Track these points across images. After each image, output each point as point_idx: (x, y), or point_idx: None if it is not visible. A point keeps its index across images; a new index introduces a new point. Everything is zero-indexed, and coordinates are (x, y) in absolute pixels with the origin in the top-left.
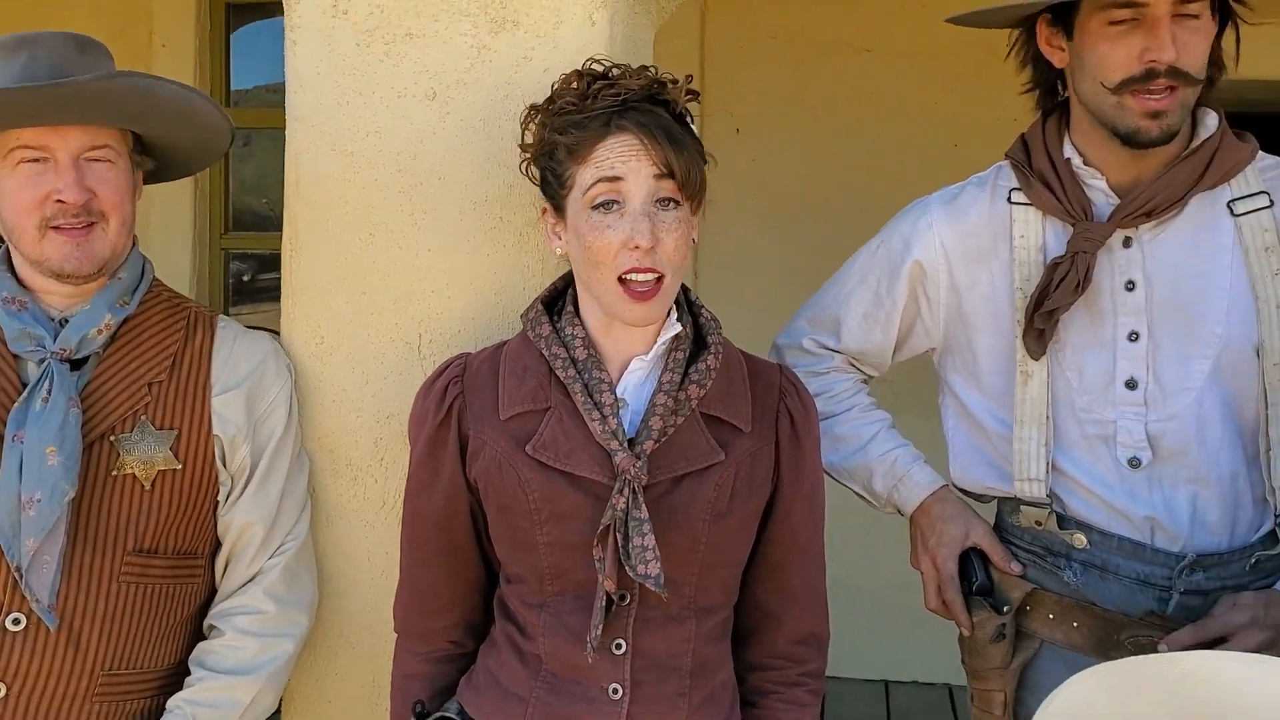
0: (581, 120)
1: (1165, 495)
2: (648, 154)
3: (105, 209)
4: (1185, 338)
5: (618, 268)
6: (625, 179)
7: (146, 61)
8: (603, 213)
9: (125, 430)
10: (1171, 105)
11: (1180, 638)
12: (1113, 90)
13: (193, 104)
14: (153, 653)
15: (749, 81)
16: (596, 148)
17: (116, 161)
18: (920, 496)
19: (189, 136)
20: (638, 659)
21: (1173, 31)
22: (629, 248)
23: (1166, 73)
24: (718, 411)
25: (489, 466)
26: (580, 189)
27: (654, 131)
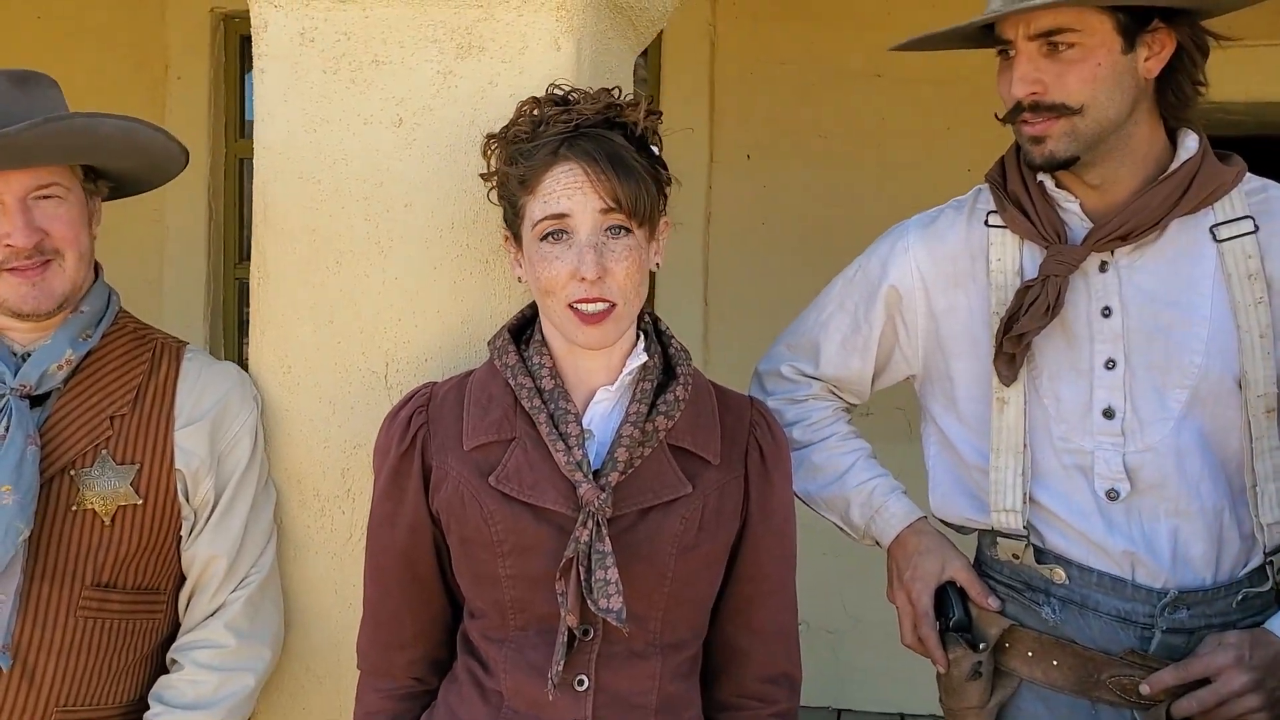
0: (530, 149)
1: (1145, 529)
2: (593, 186)
3: (59, 245)
4: (1163, 367)
5: (567, 297)
6: (571, 215)
7: (161, 94)
8: (551, 243)
9: (86, 465)
10: (1051, 132)
11: (1163, 678)
12: (1005, 120)
13: (136, 136)
14: (111, 688)
15: (759, 108)
16: (543, 179)
17: (66, 197)
18: (897, 529)
19: (139, 164)
20: (600, 696)
21: (1036, 64)
22: (575, 279)
23: (1030, 107)
24: (686, 443)
25: (451, 498)
26: (530, 221)
27: (599, 161)
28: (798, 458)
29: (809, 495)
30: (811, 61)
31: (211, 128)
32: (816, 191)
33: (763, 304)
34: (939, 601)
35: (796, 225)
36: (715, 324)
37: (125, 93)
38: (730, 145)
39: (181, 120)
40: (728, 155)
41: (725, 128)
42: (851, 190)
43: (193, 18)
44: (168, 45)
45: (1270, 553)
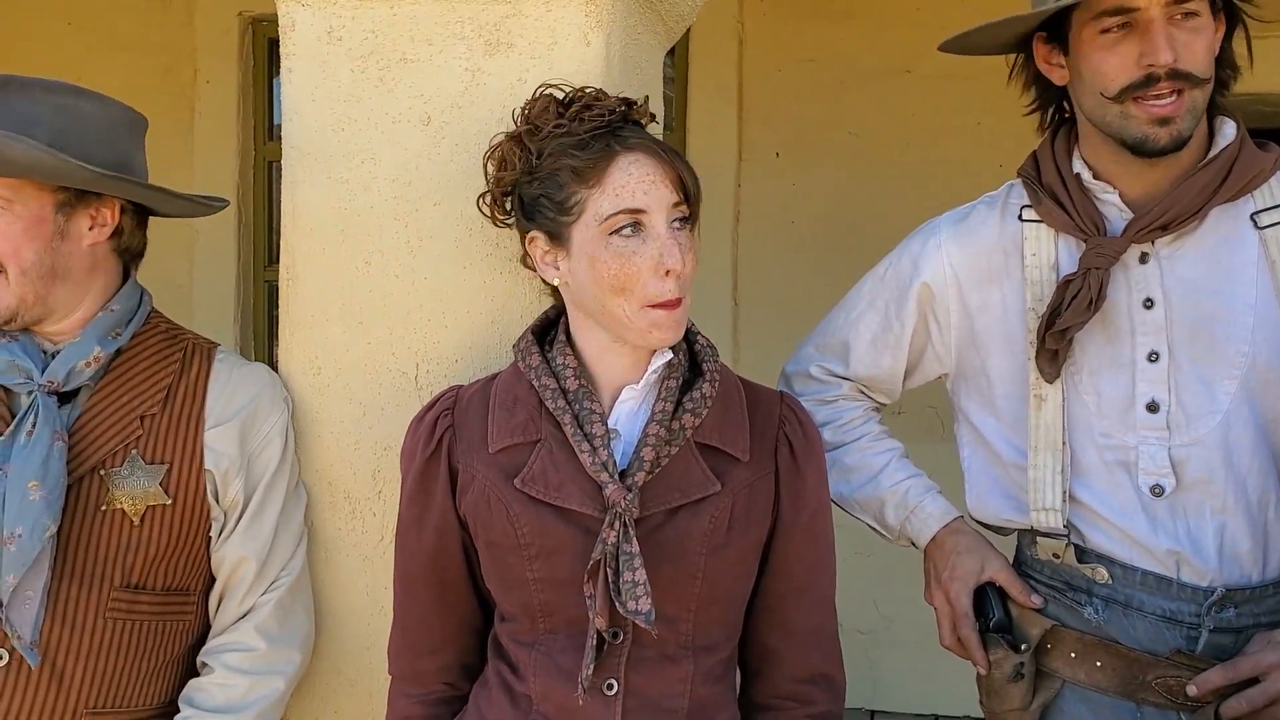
0: (579, 141)
1: (1190, 526)
2: (664, 177)
3: (0, 258)
4: (1209, 358)
5: (646, 294)
6: (648, 210)
7: (190, 98)
8: (624, 238)
9: (115, 464)
10: (1178, 110)
11: (1210, 679)
12: (1114, 99)
13: (42, 166)
14: (141, 691)
15: (788, 106)
16: (609, 171)
17: (8, 208)
18: (933, 529)
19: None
20: (630, 700)
21: (1169, 32)
22: (658, 274)
23: (1168, 75)
24: (714, 441)
25: (478, 501)
26: (595, 216)
27: (662, 150)
28: (829, 459)
29: (842, 497)
30: (840, 58)
31: (240, 131)
32: (846, 189)
33: (792, 303)
34: (978, 602)
35: (826, 223)
36: (744, 323)
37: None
38: (759, 143)
39: (211, 124)
40: (756, 153)
41: (753, 126)
42: (881, 188)
43: (221, 22)
44: (196, 49)
45: None
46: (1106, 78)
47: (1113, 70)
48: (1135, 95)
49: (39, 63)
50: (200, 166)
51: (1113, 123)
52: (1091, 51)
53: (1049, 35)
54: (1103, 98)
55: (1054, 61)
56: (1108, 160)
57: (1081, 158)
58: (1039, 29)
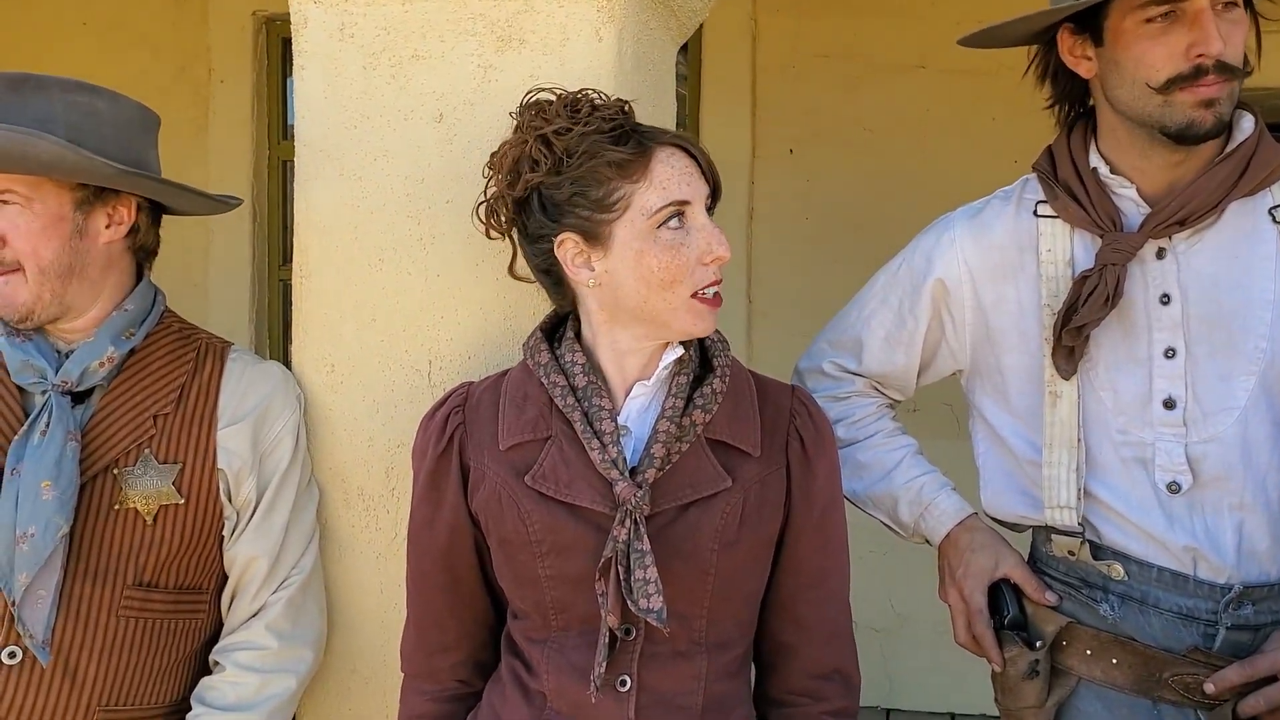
0: (615, 137)
1: (1208, 523)
2: (698, 168)
3: (19, 256)
4: (1227, 354)
5: (695, 284)
6: (692, 201)
7: (204, 97)
8: (672, 230)
9: (128, 463)
10: (1222, 93)
11: (1228, 676)
12: (1158, 90)
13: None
14: (153, 689)
15: (801, 102)
16: (652, 164)
17: (26, 206)
18: (947, 526)
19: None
20: (644, 696)
21: (1217, 23)
22: (705, 261)
23: (1215, 67)
24: (724, 436)
25: (489, 498)
26: (642, 211)
27: (692, 145)
28: (842, 456)
29: (855, 494)
30: (854, 54)
31: (255, 130)
32: (860, 185)
33: (806, 300)
34: (993, 599)
35: (840, 220)
36: (759, 320)
37: (169, 97)
38: (772, 139)
39: (225, 123)
40: (770, 149)
41: (767, 122)
42: (896, 184)
43: (235, 21)
44: (210, 49)
45: None
46: (1153, 68)
47: (1159, 60)
48: (1182, 85)
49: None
50: (215, 165)
51: (1153, 112)
52: (1135, 41)
53: (1077, 27)
54: (1147, 88)
55: (1081, 54)
56: (1130, 153)
57: (1099, 152)
58: (1066, 19)
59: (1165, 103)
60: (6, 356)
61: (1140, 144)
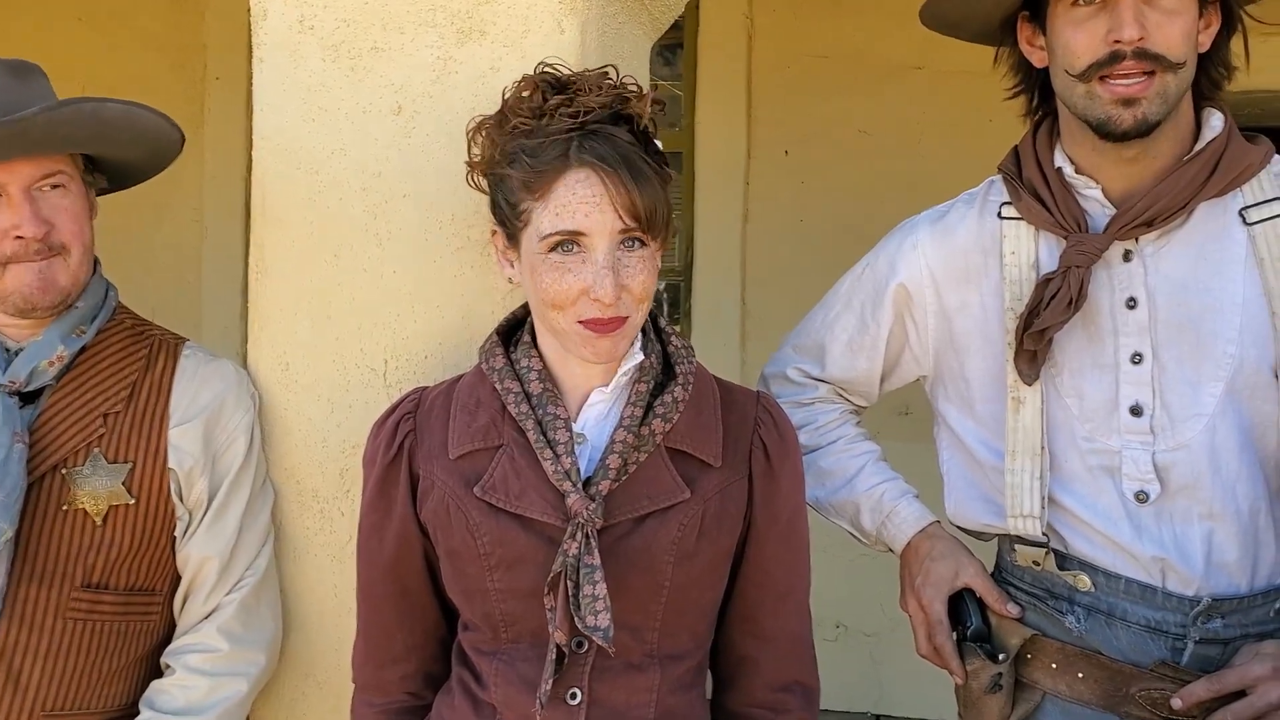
0: (534, 147)
1: (1176, 533)
2: (611, 201)
3: (65, 239)
4: (1195, 359)
5: (577, 314)
6: (589, 234)
7: (200, 93)
8: (562, 254)
9: (77, 463)
10: (1146, 92)
11: (1196, 691)
12: (1079, 77)
13: (139, 119)
14: (101, 693)
15: (797, 103)
16: (555, 186)
17: (69, 187)
18: (908, 534)
19: (139, 151)
20: (594, 709)
21: (1138, 9)
22: (590, 298)
23: (1134, 54)
24: (685, 446)
25: (438, 508)
26: (536, 231)
27: (617, 170)
28: (805, 463)
29: (818, 501)
30: (850, 55)
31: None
32: (856, 187)
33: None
34: (955, 610)
35: (835, 222)
36: (753, 323)
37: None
38: (768, 141)
39: (220, 120)
40: (765, 151)
41: (762, 123)
42: (891, 185)
43: (231, 19)
44: (207, 46)
45: None
46: (1074, 54)
47: (1080, 47)
48: (1102, 74)
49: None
50: (210, 162)
51: (1079, 103)
52: (1063, 27)
53: (1032, 14)
54: (1069, 76)
55: (1035, 43)
56: (1089, 152)
57: (1064, 151)
58: (1023, 8)
59: (1087, 93)
60: None
61: (1091, 139)
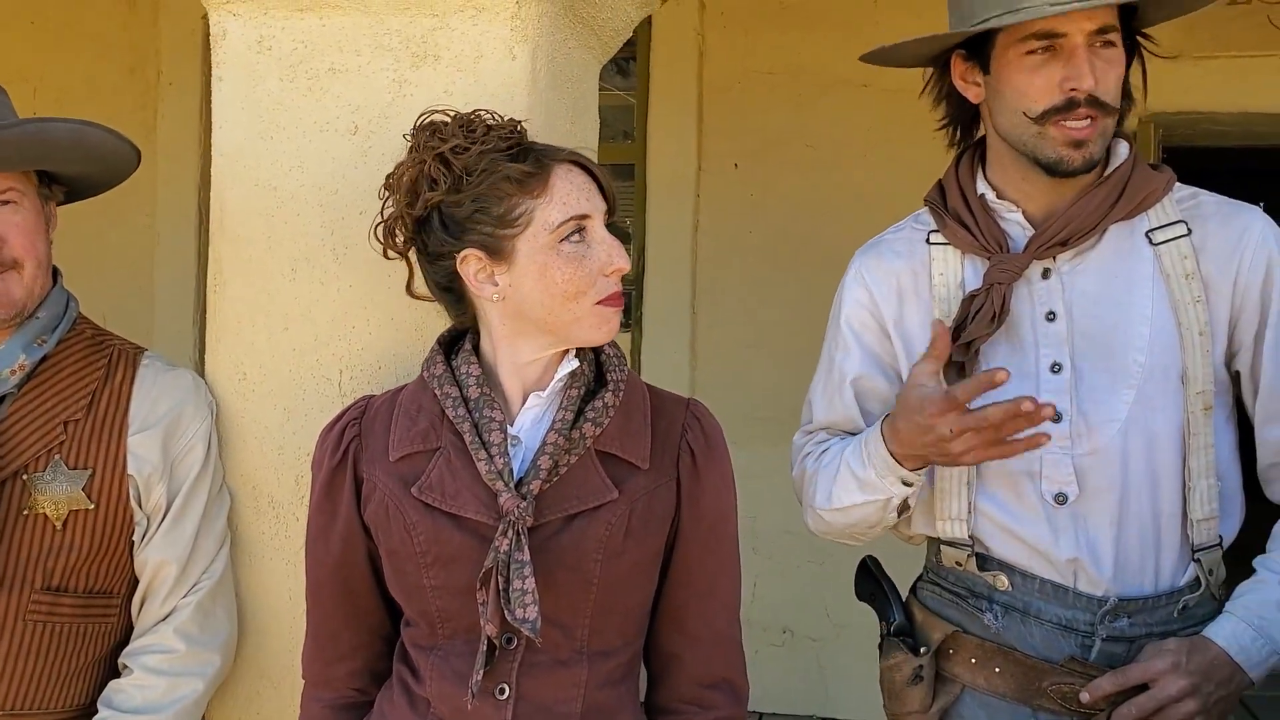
0: (514, 154)
1: (1089, 535)
2: (595, 186)
3: (17, 254)
4: (1108, 368)
5: (597, 294)
6: (592, 215)
7: (153, 99)
8: (573, 244)
9: (38, 469)
10: (1092, 134)
11: (1102, 685)
12: (1035, 120)
13: (88, 138)
14: (60, 692)
15: (747, 118)
16: (552, 181)
17: (21, 203)
18: (876, 432)
19: (92, 167)
20: (521, 704)
21: (1091, 60)
22: (605, 273)
23: (1087, 102)
24: (614, 449)
25: (378, 510)
26: (545, 226)
27: (589, 163)
28: (817, 492)
29: (828, 504)
30: (799, 71)
31: (203, 133)
32: (804, 200)
33: (750, 312)
34: (879, 606)
35: (784, 234)
36: (702, 331)
37: (118, 98)
38: (718, 154)
39: (173, 126)
40: (715, 164)
41: (713, 137)
42: (838, 199)
43: (185, 24)
44: (160, 51)
45: (1197, 549)
46: (1029, 98)
47: (1036, 92)
48: (1055, 119)
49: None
50: (163, 167)
51: (1029, 142)
52: (1016, 73)
53: (968, 53)
54: (1025, 117)
55: (970, 79)
56: (1016, 179)
57: (986, 179)
58: (959, 46)
59: (1040, 134)
60: None
61: (1022, 169)
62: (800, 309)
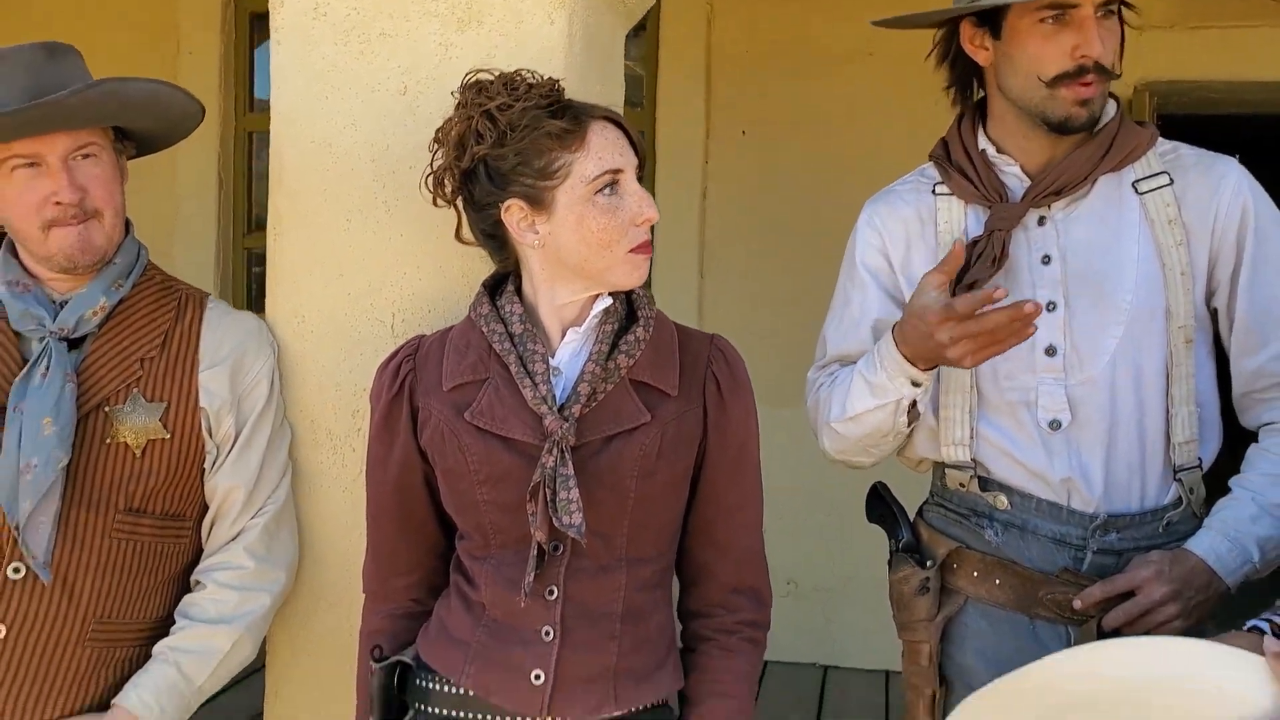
0: (554, 111)
1: (1082, 458)
2: (628, 142)
3: (98, 204)
4: (1099, 307)
5: (630, 242)
6: (625, 170)
7: (172, 69)
8: (607, 196)
9: (118, 402)
10: (1096, 94)
11: (1093, 593)
12: (1047, 84)
13: (161, 96)
14: (141, 605)
15: (754, 86)
16: (589, 136)
17: (101, 156)
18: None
19: (163, 124)
20: (568, 604)
21: (1099, 32)
22: (637, 223)
23: (1095, 67)
24: (646, 378)
25: (434, 435)
26: (581, 178)
27: (619, 119)
28: (833, 408)
29: (841, 415)
30: (806, 40)
31: (222, 102)
32: (809, 167)
33: (757, 276)
34: (889, 525)
35: (790, 200)
36: (709, 295)
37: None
38: (726, 122)
39: None
40: (724, 131)
41: (721, 104)
42: (843, 166)
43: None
44: (180, 23)
45: (1179, 471)
46: (1043, 64)
47: (1050, 58)
48: (1066, 82)
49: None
50: None
51: (1040, 103)
52: (1029, 39)
53: (978, 20)
54: (1037, 80)
55: (979, 44)
56: (1018, 137)
57: (987, 136)
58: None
59: (1050, 96)
60: (7, 306)
61: (1025, 128)
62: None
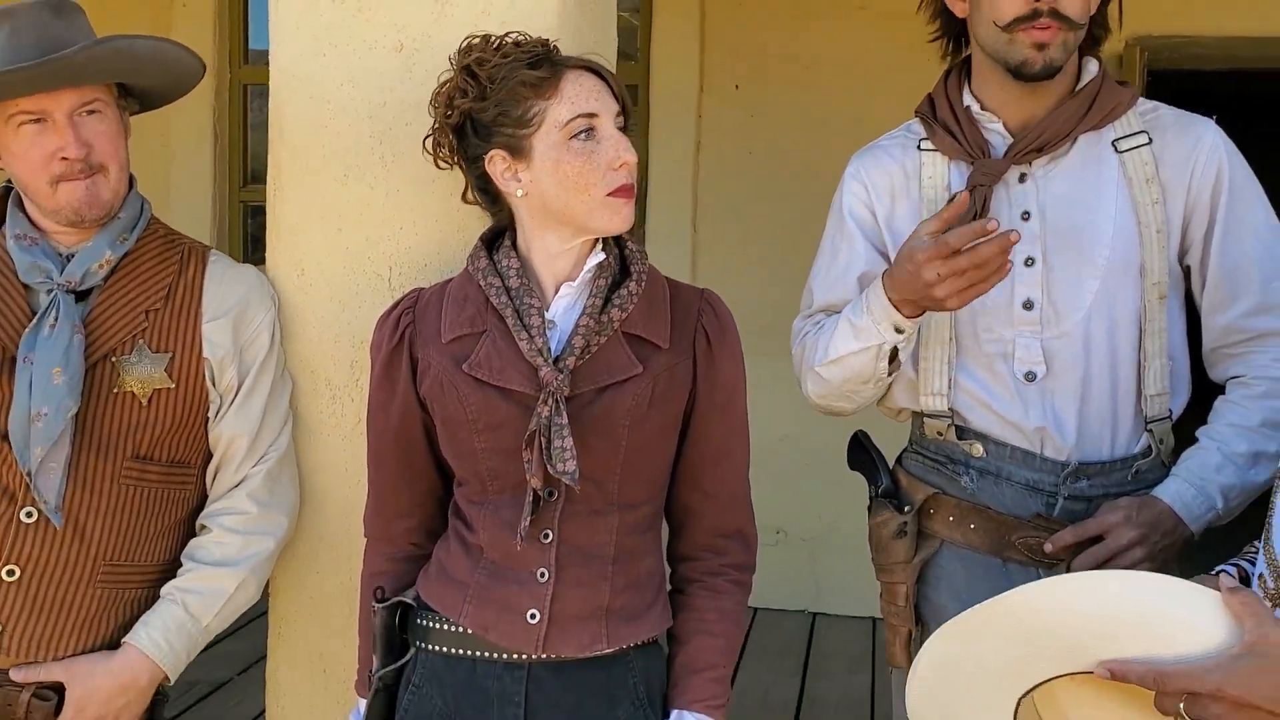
0: (531, 62)
1: (1056, 409)
2: (605, 88)
3: (103, 159)
4: (1076, 262)
5: (607, 186)
6: (599, 115)
7: (168, 21)
8: (583, 140)
9: (125, 352)
10: (1053, 39)
11: (1063, 537)
12: (1004, 28)
13: (165, 53)
14: (149, 549)
15: (747, 40)
16: (562, 84)
17: (106, 112)
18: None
19: (166, 80)
20: (563, 546)
21: None
22: (614, 166)
23: (1049, 13)
24: (638, 330)
25: (433, 385)
26: (555, 123)
27: (600, 69)
28: (817, 353)
29: (825, 359)
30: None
31: (217, 54)
32: (801, 121)
33: (748, 228)
34: (868, 471)
35: (782, 153)
36: (703, 247)
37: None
38: (719, 75)
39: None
40: (717, 85)
41: (714, 58)
42: (835, 118)
43: None
44: None
45: (1149, 421)
46: (999, 9)
47: (1006, 3)
48: (1021, 26)
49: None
50: None
51: (1001, 49)
52: None
53: None
54: (995, 26)
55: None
56: (995, 89)
57: (971, 92)
58: None
59: (1009, 40)
60: (15, 259)
61: (999, 79)
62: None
